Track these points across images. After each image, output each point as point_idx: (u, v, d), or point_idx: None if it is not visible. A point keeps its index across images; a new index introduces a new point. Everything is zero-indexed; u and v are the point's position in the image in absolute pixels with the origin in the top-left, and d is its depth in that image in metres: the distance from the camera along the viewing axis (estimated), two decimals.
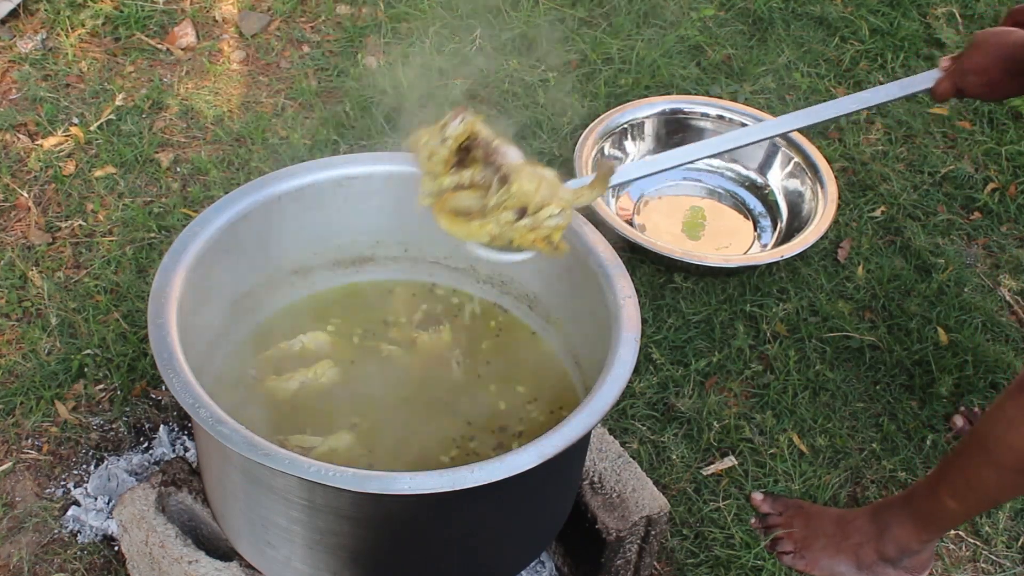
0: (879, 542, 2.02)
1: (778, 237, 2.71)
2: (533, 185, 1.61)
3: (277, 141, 2.78)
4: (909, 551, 2.00)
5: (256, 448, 1.37)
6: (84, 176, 2.65)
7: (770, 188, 2.79)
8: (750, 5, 3.33)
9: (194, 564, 1.66)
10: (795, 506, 2.12)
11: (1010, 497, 1.88)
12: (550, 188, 1.64)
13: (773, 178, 2.80)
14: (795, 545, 2.07)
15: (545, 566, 1.98)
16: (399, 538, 1.53)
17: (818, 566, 2.05)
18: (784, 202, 2.76)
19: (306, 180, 1.78)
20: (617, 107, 2.85)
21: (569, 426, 1.45)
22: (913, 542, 1.99)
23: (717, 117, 2.85)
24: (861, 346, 2.47)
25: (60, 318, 2.33)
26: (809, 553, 2.06)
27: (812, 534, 2.07)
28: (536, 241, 1.64)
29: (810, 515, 2.09)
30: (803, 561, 2.06)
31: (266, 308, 1.84)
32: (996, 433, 1.79)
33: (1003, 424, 1.78)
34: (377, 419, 1.71)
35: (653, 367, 2.37)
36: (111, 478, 2.06)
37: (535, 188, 1.61)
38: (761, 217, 2.75)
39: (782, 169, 2.79)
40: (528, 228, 1.63)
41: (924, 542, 1.99)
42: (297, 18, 3.16)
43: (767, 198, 2.79)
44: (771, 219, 2.75)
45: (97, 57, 2.96)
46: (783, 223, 2.73)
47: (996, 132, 3.03)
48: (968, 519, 1.96)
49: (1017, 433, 1.76)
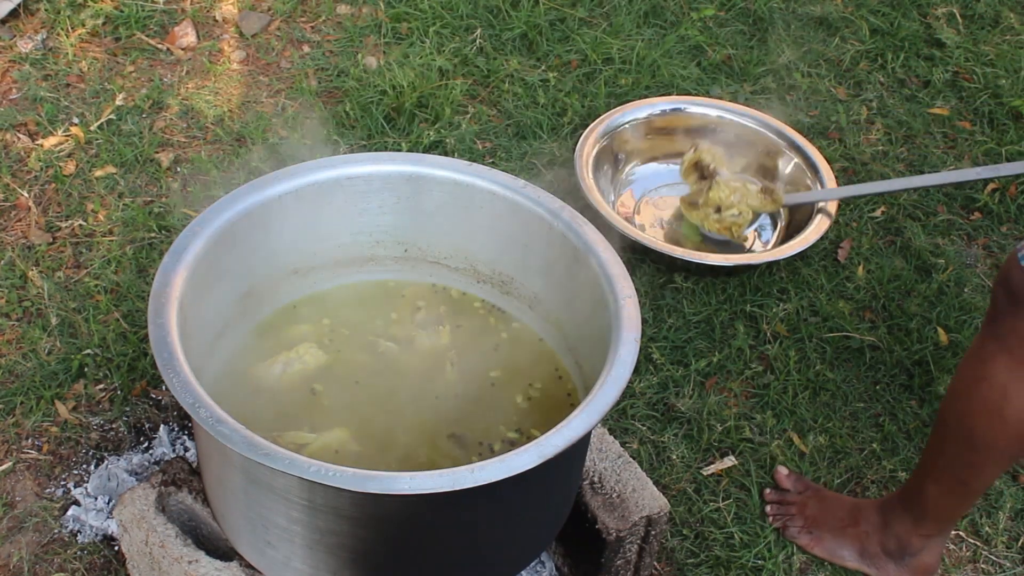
0: (882, 535, 2.04)
1: (778, 237, 2.71)
2: (725, 194, 2.59)
3: (277, 141, 2.78)
4: (910, 548, 2.01)
5: (256, 448, 1.37)
6: (84, 176, 2.65)
7: None
8: (750, 5, 3.33)
9: (194, 564, 1.66)
10: (814, 489, 2.15)
11: (984, 478, 1.86)
12: (741, 196, 2.60)
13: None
14: (805, 522, 2.10)
15: (545, 566, 1.98)
16: (399, 538, 1.53)
17: (822, 545, 2.08)
18: None
19: (306, 180, 1.78)
20: (617, 107, 2.85)
21: (569, 426, 1.45)
22: (913, 538, 2.00)
23: (717, 118, 2.85)
24: (861, 346, 2.47)
25: (60, 318, 2.33)
26: (816, 532, 2.09)
27: (823, 516, 2.10)
28: (722, 229, 2.62)
29: (825, 498, 2.13)
30: (808, 537, 2.09)
31: (266, 307, 1.84)
32: (950, 407, 1.85)
33: (953, 397, 1.84)
34: (371, 415, 1.71)
35: (653, 367, 2.37)
36: (111, 478, 2.06)
37: (727, 195, 2.59)
38: (761, 216, 2.75)
39: (783, 169, 2.79)
40: (717, 220, 2.61)
41: (924, 538, 2.00)
42: (297, 18, 3.16)
43: None
44: (771, 218, 2.75)
45: (97, 57, 2.96)
46: (783, 222, 2.73)
47: (996, 132, 3.03)
48: (956, 511, 1.95)
49: (963, 403, 1.81)
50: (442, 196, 1.83)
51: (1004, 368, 1.73)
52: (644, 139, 2.84)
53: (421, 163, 1.82)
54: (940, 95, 3.13)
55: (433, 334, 1.85)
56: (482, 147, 2.82)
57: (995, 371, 1.75)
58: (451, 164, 1.82)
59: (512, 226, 1.81)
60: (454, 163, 1.82)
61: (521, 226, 1.80)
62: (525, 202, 1.78)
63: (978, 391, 1.78)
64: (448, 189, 1.82)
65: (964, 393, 1.81)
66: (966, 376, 1.82)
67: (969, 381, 1.80)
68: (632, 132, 2.82)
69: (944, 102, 3.11)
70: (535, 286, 1.86)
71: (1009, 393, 1.74)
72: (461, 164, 1.82)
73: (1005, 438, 1.78)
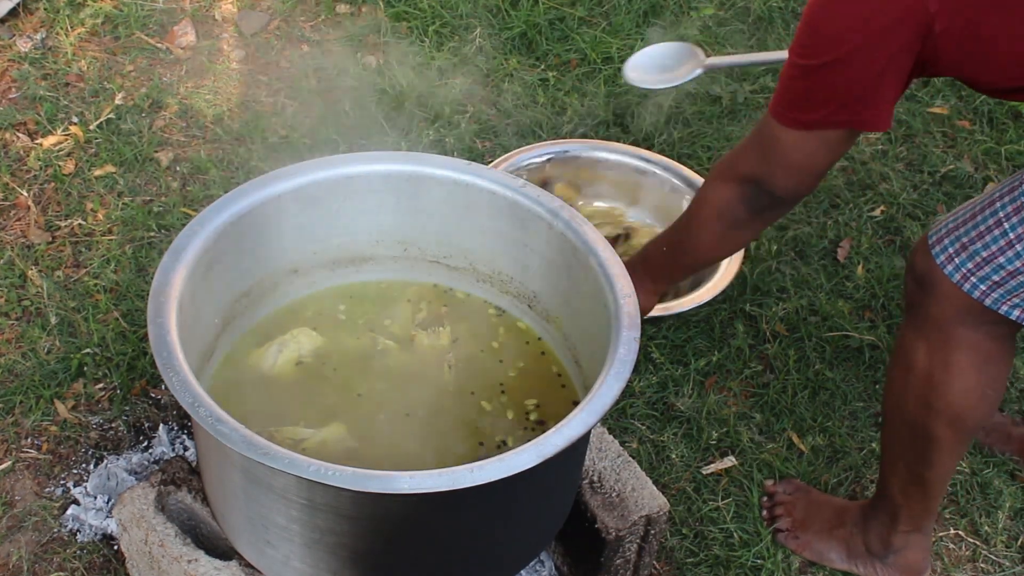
0: (865, 535, 2.05)
1: (686, 285, 2.48)
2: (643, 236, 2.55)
3: (277, 140, 2.78)
4: (892, 546, 2.02)
5: (255, 447, 1.37)
6: (84, 175, 2.65)
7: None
8: (750, 5, 3.33)
9: (193, 563, 1.66)
10: (803, 489, 2.16)
11: (930, 469, 1.87)
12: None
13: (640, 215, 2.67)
14: (792, 524, 2.10)
15: (545, 565, 1.98)
16: (398, 537, 1.53)
17: (809, 548, 2.08)
18: None
19: (306, 179, 1.78)
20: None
21: (569, 426, 1.45)
22: (892, 536, 2.01)
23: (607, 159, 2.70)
24: (860, 345, 2.47)
25: (59, 317, 2.33)
26: (803, 535, 2.09)
27: (810, 517, 2.10)
28: None
29: (813, 500, 2.13)
30: (796, 542, 2.09)
31: (266, 307, 1.84)
32: (889, 402, 1.88)
33: (889, 393, 1.87)
34: (369, 412, 1.71)
35: (653, 366, 2.37)
36: (110, 477, 2.06)
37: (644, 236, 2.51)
38: None
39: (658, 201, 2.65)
40: None
41: (904, 535, 2.00)
42: (297, 17, 3.16)
43: None
44: None
45: (97, 56, 2.95)
46: None
47: (996, 131, 3.03)
48: (924, 504, 1.94)
49: (897, 397, 1.84)
50: (442, 195, 1.83)
51: (925, 355, 1.77)
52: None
53: (421, 162, 1.82)
54: (940, 94, 3.13)
55: (433, 334, 1.85)
56: (481, 146, 2.82)
57: (917, 360, 1.78)
58: (450, 163, 1.82)
59: (512, 226, 1.81)
60: (453, 162, 1.82)
61: (521, 226, 1.80)
62: (525, 201, 1.78)
63: (906, 383, 1.81)
64: (448, 188, 1.82)
65: (893, 386, 1.85)
66: (893, 369, 1.85)
67: (896, 373, 1.84)
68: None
69: (944, 101, 3.11)
70: (535, 285, 1.86)
71: (933, 380, 1.77)
72: (460, 163, 1.82)
73: (940, 425, 1.81)
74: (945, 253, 1.71)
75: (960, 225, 1.71)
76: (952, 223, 1.73)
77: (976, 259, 1.67)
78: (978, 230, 1.67)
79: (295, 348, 1.77)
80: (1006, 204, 1.64)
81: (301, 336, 1.79)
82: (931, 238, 1.74)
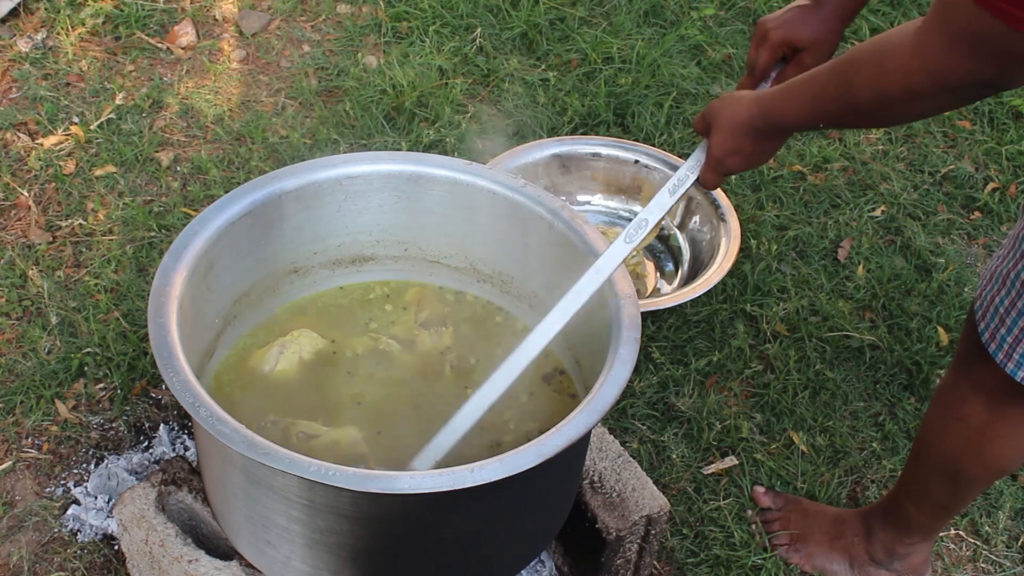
0: (868, 544, 2.04)
1: (682, 278, 2.56)
2: None
3: (277, 140, 2.78)
4: (896, 555, 2.02)
5: (256, 447, 1.37)
6: (84, 175, 2.65)
7: (672, 232, 2.64)
8: (750, 5, 3.33)
9: (194, 563, 1.66)
10: (794, 502, 2.14)
11: (959, 503, 1.90)
12: None
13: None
14: (791, 539, 2.10)
15: (545, 565, 1.98)
16: (399, 537, 1.53)
17: (812, 562, 2.08)
18: (686, 242, 2.60)
19: (306, 179, 1.78)
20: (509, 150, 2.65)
21: (569, 426, 1.45)
22: (897, 545, 2.01)
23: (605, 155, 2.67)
24: (861, 346, 2.47)
25: (60, 317, 2.33)
26: (804, 548, 2.09)
27: (808, 530, 2.10)
28: None
29: (807, 512, 2.12)
30: (798, 555, 2.09)
31: (266, 307, 1.84)
32: (928, 440, 1.86)
33: (930, 430, 1.85)
34: (370, 413, 1.71)
35: (653, 367, 2.37)
36: (111, 477, 2.06)
37: None
38: (662, 255, 2.61)
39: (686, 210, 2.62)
40: None
41: (909, 545, 2.00)
42: (297, 17, 3.16)
43: (668, 241, 2.63)
44: (672, 258, 2.61)
45: (97, 56, 2.96)
46: (685, 267, 2.58)
47: (996, 132, 3.03)
48: (939, 524, 1.97)
49: (941, 438, 1.82)
50: (442, 195, 1.83)
51: (983, 409, 1.74)
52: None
53: (421, 162, 1.82)
54: None
55: (435, 333, 1.85)
56: (481, 146, 2.82)
57: (972, 412, 1.75)
58: (451, 163, 1.82)
59: (512, 225, 1.81)
60: (454, 162, 1.82)
61: (521, 225, 1.80)
62: (525, 201, 1.78)
63: (956, 430, 1.79)
64: (448, 188, 1.82)
65: (941, 430, 1.82)
66: (942, 414, 1.82)
67: (946, 419, 1.81)
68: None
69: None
70: (535, 285, 1.86)
71: (988, 434, 1.75)
72: (461, 163, 1.82)
73: (987, 473, 1.81)
74: (988, 331, 1.65)
75: (996, 294, 1.63)
76: (991, 290, 1.64)
77: (1015, 331, 1.61)
78: (1011, 297, 1.60)
79: (297, 349, 1.77)
80: None
81: (303, 337, 1.79)
82: (977, 312, 1.67)
